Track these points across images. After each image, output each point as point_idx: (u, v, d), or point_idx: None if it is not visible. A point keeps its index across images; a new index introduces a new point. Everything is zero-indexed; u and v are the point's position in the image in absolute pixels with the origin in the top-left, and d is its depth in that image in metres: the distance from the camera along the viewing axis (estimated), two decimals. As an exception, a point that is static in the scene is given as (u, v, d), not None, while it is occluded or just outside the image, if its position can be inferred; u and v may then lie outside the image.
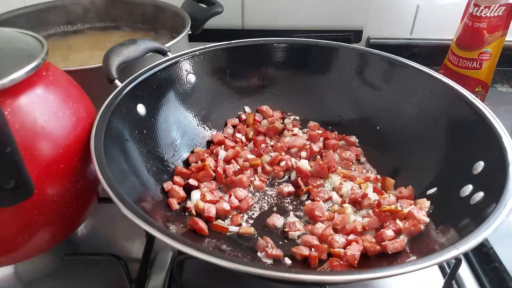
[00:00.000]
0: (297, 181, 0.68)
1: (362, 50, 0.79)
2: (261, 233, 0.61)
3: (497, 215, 0.44)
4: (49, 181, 0.48)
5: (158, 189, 0.65)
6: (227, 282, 0.59)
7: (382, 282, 0.60)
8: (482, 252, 0.62)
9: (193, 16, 0.95)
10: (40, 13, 1.02)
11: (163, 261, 0.62)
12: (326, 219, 0.62)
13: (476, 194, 0.53)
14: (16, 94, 0.46)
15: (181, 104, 0.76)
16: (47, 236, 0.53)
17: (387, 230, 0.56)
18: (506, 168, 0.50)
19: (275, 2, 1.15)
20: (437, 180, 0.63)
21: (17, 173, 0.40)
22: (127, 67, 0.68)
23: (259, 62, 0.82)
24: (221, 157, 0.73)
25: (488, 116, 0.58)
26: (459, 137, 0.62)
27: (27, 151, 0.45)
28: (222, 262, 0.39)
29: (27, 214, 0.48)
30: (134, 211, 0.44)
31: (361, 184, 0.68)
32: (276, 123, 0.81)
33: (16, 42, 0.52)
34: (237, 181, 0.68)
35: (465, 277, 0.60)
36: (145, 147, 0.66)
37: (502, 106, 1.01)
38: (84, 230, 0.68)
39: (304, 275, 0.39)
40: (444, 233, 0.52)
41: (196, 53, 0.77)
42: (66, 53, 0.96)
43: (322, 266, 0.55)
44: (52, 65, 0.54)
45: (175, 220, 0.60)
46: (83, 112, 0.55)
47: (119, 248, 0.65)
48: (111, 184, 0.47)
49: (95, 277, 0.60)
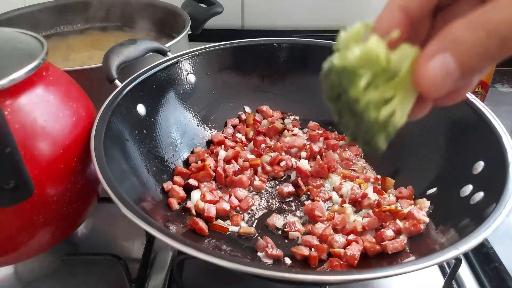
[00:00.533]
0: (297, 181, 0.68)
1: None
2: (261, 233, 0.61)
3: (497, 215, 0.44)
4: (49, 181, 0.48)
5: (158, 189, 0.65)
6: (227, 282, 0.59)
7: (382, 282, 0.60)
8: (482, 252, 0.62)
9: (193, 16, 0.95)
10: (40, 13, 1.02)
11: (163, 261, 0.62)
12: (326, 219, 0.62)
13: (476, 194, 0.53)
14: (16, 94, 0.46)
15: (181, 104, 0.76)
16: (47, 236, 0.53)
17: (387, 230, 0.56)
18: (506, 168, 0.50)
19: (275, 2, 1.15)
20: (437, 180, 0.63)
21: (17, 173, 0.40)
22: (127, 67, 0.68)
23: (259, 62, 0.82)
24: (221, 157, 0.73)
25: (488, 116, 0.58)
26: (459, 137, 0.62)
27: (27, 151, 0.45)
28: (222, 262, 0.39)
29: (27, 214, 0.48)
30: (134, 211, 0.44)
31: (361, 184, 0.68)
32: (276, 123, 0.81)
33: (16, 42, 0.52)
34: (237, 181, 0.68)
35: (465, 277, 0.60)
36: (145, 147, 0.66)
37: (502, 106, 1.01)
38: (84, 230, 0.68)
39: (304, 275, 0.39)
40: (444, 233, 0.52)
41: (196, 53, 0.77)
42: (66, 53, 0.96)
43: (322, 266, 0.55)
44: (52, 65, 0.54)
45: (175, 220, 0.60)
46: (83, 112, 0.55)
47: (119, 248, 0.65)
48: (111, 184, 0.47)
49: (95, 277, 0.60)
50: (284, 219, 0.63)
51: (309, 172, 0.70)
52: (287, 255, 0.57)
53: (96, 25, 1.09)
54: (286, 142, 0.77)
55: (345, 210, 0.63)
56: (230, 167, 0.70)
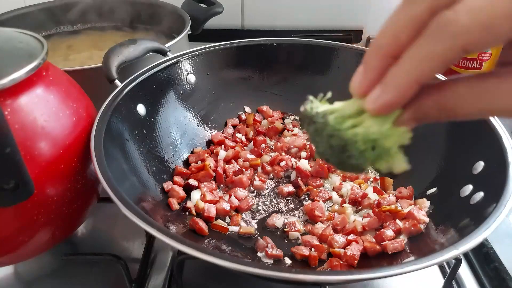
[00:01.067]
0: (297, 181, 0.68)
1: (362, 50, 0.78)
2: (261, 233, 0.61)
3: (497, 215, 0.44)
4: (49, 181, 0.48)
5: (158, 189, 0.65)
6: (227, 282, 0.59)
7: (382, 282, 0.60)
8: (482, 252, 0.62)
9: (193, 16, 0.95)
10: (40, 13, 1.02)
11: (163, 261, 0.62)
12: (326, 219, 0.62)
13: (476, 194, 0.53)
14: (16, 94, 0.46)
15: (181, 104, 0.76)
16: (47, 236, 0.53)
17: (387, 230, 0.56)
18: (506, 168, 0.50)
19: (275, 2, 1.15)
20: (437, 180, 0.63)
21: (17, 173, 0.40)
22: (127, 67, 0.68)
23: (259, 62, 0.82)
24: (221, 157, 0.73)
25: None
26: (459, 137, 0.62)
27: (27, 151, 0.45)
28: (222, 262, 0.39)
29: (27, 214, 0.48)
30: (134, 211, 0.44)
31: (361, 184, 0.68)
32: (276, 123, 0.81)
33: (16, 42, 0.52)
34: (237, 181, 0.68)
35: (465, 277, 0.60)
36: (145, 147, 0.66)
37: (502, 106, 1.01)
38: (84, 230, 0.68)
39: (304, 275, 0.39)
40: (444, 233, 0.52)
41: (196, 53, 0.77)
42: (66, 53, 0.96)
43: (322, 266, 0.55)
44: (52, 65, 0.54)
45: (175, 220, 0.60)
46: (83, 112, 0.55)
47: (119, 248, 0.65)
48: (111, 184, 0.47)
49: (95, 277, 0.60)
50: (284, 219, 0.63)
51: (309, 172, 0.70)
52: (287, 255, 0.57)
53: (96, 25, 1.09)
54: (286, 142, 0.77)
55: (345, 210, 0.63)
56: (230, 167, 0.70)
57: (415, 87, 0.26)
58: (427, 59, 0.25)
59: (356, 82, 0.30)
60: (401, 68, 0.26)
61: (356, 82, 0.30)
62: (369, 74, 0.29)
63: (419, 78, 0.26)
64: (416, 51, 0.25)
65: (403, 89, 0.27)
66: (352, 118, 0.31)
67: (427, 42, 0.25)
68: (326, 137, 0.32)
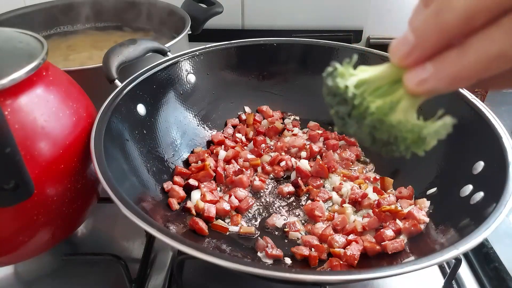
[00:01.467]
0: (297, 181, 0.68)
1: (362, 50, 0.79)
2: (261, 233, 0.61)
3: (497, 215, 0.44)
4: (49, 181, 0.48)
5: (158, 189, 0.65)
6: (227, 282, 0.59)
7: (382, 282, 0.60)
8: (482, 252, 0.62)
9: (193, 16, 0.95)
10: (40, 13, 1.02)
11: (163, 261, 0.62)
12: (326, 219, 0.62)
13: (476, 194, 0.53)
14: (16, 94, 0.46)
15: (181, 104, 0.76)
16: (47, 236, 0.53)
17: (387, 230, 0.56)
18: (506, 168, 0.50)
19: (275, 2, 1.15)
20: (437, 180, 0.63)
21: (17, 173, 0.40)
22: (127, 67, 0.68)
23: (259, 62, 0.82)
24: (221, 157, 0.73)
25: (488, 116, 0.58)
26: (459, 137, 0.62)
27: (27, 151, 0.45)
28: (222, 262, 0.39)
29: (27, 214, 0.48)
30: (134, 211, 0.44)
31: (361, 184, 0.68)
32: (276, 123, 0.81)
33: (16, 42, 0.52)
34: (237, 181, 0.68)
35: (465, 277, 0.60)
36: (145, 147, 0.66)
37: (502, 106, 1.01)
38: (84, 230, 0.68)
39: (304, 275, 0.39)
40: (444, 233, 0.52)
41: (196, 53, 0.77)
42: (66, 53, 0.96)
43: (322, 266, 0.55)
44: (52, 65, 0.54)
45: (175, 220, 0.60)
46: (83, 112, 0.55)
47: (119, 248, 0.65)
48: (111, 184, 0.47)
49: (95, 277, 0.60)
50: (284, 219, 0.63)
51: (309, 172, 0.70)
52: (287, 255, 0.57)
53: (96, 25, 1.09)
54: (286, 142, 0.77)
55: (345, 210, 0.63)
56: (230, 167, 0.70)
57: (473, 82, 0.23)
58: (499, 56, 0.22)
59: (401, 51, 0.26)
60: (466, 59, 0.23)
61: (401, 50, 0.26)
62: (421, 50, 0.25)
63: (481, 73, 0.23)
64: (488, 45, 0.22)
65: (460, 81, 0.23)
66: (388, 94, 0.27)
67: (503, 38, 0.21)
68: (367, 127, 0.29)
